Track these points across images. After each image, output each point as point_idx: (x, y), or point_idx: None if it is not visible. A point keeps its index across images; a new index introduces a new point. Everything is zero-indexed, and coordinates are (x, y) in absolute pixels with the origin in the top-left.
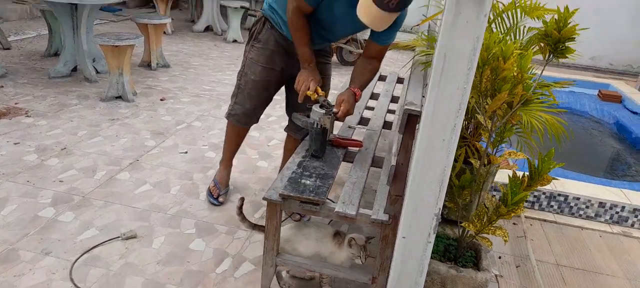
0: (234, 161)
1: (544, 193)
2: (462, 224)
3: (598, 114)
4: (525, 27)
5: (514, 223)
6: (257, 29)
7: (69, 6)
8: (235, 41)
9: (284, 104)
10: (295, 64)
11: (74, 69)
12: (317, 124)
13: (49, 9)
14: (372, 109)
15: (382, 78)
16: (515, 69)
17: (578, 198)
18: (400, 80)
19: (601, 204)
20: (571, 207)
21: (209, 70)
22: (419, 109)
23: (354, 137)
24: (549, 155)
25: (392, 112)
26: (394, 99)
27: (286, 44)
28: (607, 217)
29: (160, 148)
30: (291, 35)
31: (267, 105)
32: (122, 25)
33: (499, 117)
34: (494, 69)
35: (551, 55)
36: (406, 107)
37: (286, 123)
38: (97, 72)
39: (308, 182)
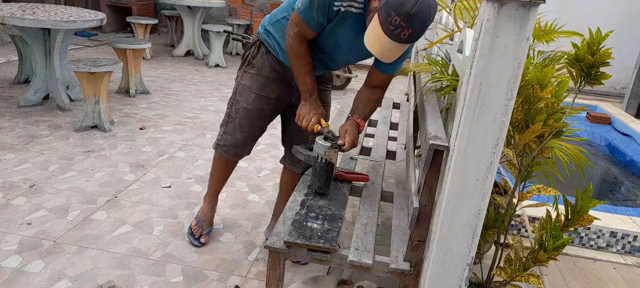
0: (222, 195)
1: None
2: (494, 272)
3: (589, 136)
4: (533, 50)
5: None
6: (251, 54)
7: (41, 31)
8: (217, 66)
9: (274, 131)
10: (292, 92)
11: (46, 97)
12: (322, 158)
13: (20, 34)
14: (371, 136)
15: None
16: (552, 97)
17: (588, 228)
18: (396, 106)
19: (612, 234)
20: (582, 238)
21: (191, 96)
22: (446, 144)
23: (356, 169)
24: (587, 192)
25: (392, 139)
26: (392, 126)
27: (283, 71)
28: (619, 247)
29: (141, 182)
30: (290, 64)
31: (260, 136)
32: (98, 51)
33: (529, 151)
34: (527, 98)
35: (583, 82)
36: (432, 141)
37: (277, 151)
38: (71, 100)
39: (315, 225)
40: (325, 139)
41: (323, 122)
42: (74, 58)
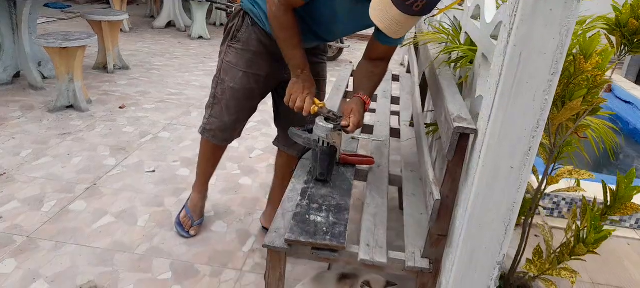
0: (212, 179)
1: (564, 198)
2: (523, 267)
3: None
4: None
5: (536, 235)
6: (235, 26)
7: (5, 3)
8: (201, 38)
9: (264, 107)
10: (284, 67)
11: (17, 75)
12: (324, 141)
13: None
14: (372, 111)
15: None
16: (595, 69)
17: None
18: (395, 78)
19: None
20: None
21: (174, 71)
22: (474, 126)
23: (359, 151)
24: (630, 177)
25: (394, 113)
26: (393, 100)
27: (271, 44)
28: (632, 222)
29: (123, 167)
30: (275, 36)
31: (249, 117)
32: (73, 24)
33: (563, 130)
34: (566, 70)
35: (625, 50)
36: (457, 124)
37: (270, 129)
38: (44, 77)
39: (319, 218)
40: (327, 119)
41: (317, 101)
42: (46, 32)
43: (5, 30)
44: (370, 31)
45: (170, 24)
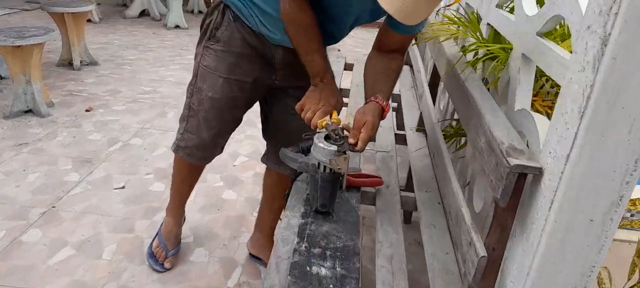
0: (192, 194)
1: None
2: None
3: None
4: None
5: None
6: (214, 22)
7: None
8: (177, 27)
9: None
10: (274, 71)
11: None
12: (326, 167)
13: None
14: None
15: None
16: None
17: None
18: None
19: None
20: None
21: (148, 65)
22: (538, 165)
23: (363, 165)
24: None
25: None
26: (393, 98)
27: (259, 44)
28: None
29: (87, 183)
30: (292, 40)
31: (233, 130)
32: (38, 15)
33: None
34: None
35: None
36: (515, 160)
37: (255, 130)
38: (1, 78)
39: (323, 270)
40: (327, 138)
41: (334, 115)
42: (7, 25)
43: None
44: None
45: (144, 13)
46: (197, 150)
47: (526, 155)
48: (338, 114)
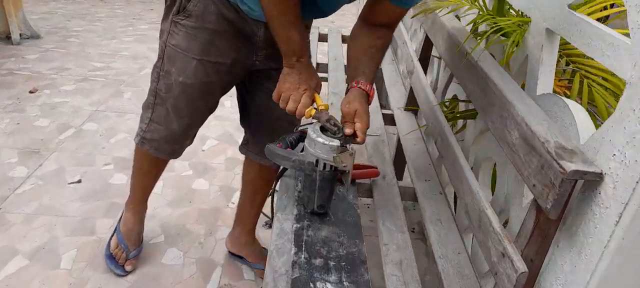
0: (158, 185)
1: None
2: None
3: None
4: None
5: None
6: None
7: None
8: None
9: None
10: (255, 50)
11: None
12: (326, 165)
13: None
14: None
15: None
16: None
17: None
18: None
19: None
20: None
21: (98, 37)
22: (599, 170)
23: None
24: None
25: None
26: None
27: (238, 19)
28: None
29: (37, 179)
30: (266, 14)
31: (207, 117)
32: None
33: None
34: None
35: None
36: (572, 165)
37: (223, 111)
38: None
39: (329, 285)
40: (323, 130)
41: (319, 100)
42: None
43: None
44: None
45: None
46: (166, 143)
47: (583, 159)
48: (319, 94)
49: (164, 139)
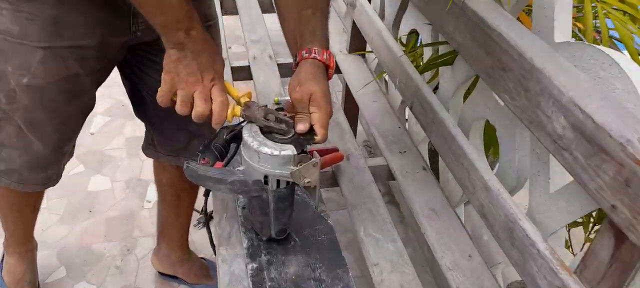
0: (44, 200)
1: None
2: None
3: None
4: None
5: None
6: None
7: None
8: None
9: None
10: (132, 18)
11: None
12: (280, 182)
13: None
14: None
15: None
16: None
17: None
18: None
19: None
20: None
21: None
22: None
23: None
24: None
25: None
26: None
27: None
28: None
29: None
30: None
31: (84, 120)
32: None
33: None
34: None
35: None
36: None
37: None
38: None
39: None
40: (265, 133)
41: (232, 89)
42: None
43: None
44: None
45: None
46: (30, 171)
47: None
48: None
49: (26, 166)
